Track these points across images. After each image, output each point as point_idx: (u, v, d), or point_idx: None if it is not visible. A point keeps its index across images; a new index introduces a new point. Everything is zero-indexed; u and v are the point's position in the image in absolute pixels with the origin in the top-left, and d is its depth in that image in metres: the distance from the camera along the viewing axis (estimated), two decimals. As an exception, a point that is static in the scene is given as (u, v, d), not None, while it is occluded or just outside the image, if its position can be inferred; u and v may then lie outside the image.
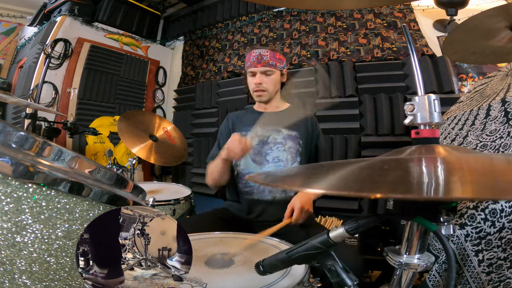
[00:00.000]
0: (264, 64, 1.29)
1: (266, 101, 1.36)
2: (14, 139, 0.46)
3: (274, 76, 1.32)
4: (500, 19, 0.91)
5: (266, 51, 1.30)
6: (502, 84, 1.10)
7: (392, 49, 2.10)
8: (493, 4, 1.21)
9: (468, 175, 0.38)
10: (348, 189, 0.36)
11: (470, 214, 0.83)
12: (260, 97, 1.34)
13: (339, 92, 2.15)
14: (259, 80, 1.30)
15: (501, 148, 0.88)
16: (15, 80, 2.98)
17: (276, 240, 0.95)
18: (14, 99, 1.72)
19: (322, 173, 0.48)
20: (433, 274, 0.90)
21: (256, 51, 1.31)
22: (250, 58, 1.32)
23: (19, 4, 3.37)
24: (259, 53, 1.30)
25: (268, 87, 1.32)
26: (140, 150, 2.11)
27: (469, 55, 1.08)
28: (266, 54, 1.30)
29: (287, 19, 2.63)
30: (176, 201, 1.62)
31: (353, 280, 0.51)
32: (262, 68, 1.29)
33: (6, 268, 0.43)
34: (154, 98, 3.33)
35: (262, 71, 1.30)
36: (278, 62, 1.32)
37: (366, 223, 0.50)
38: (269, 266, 0.59)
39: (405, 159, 0.47)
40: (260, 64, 1.29)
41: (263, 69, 1.29)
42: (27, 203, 0.44)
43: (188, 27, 3.35)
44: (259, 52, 1.30)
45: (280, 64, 1.34)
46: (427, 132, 0.51)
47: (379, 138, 2.03)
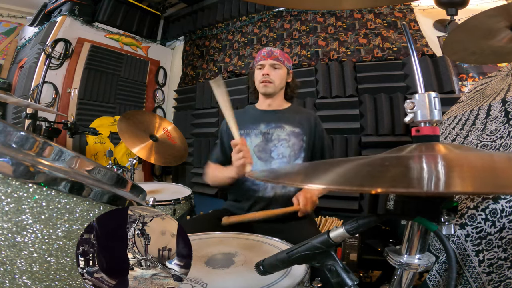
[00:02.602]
0: (274, 58, 1.37)
1: (270, 93, 1.39)
2: (15, 139, 0.46)
3: (281, 71, 1.39)
4: (500, 19, 0.91)
5: (276, 49, 1.40)
6: (503, 84, 1.10)
7: (392, 49, 2.10)
8: (493, 4, 1.21)
9: (468, 171, 0.38)
10: (349, 184, 0.36)
11: (471, 214, 0.83)
12: (266, 88, 1.38)
13: (339, 92, 2.16)
14: (267, 71, 1.37)
15: (501, 148, 0.88)
16: (16, 80, 2.99)
17: (277, 240, 0.95)
18: (15, 99, 1.72)
19: (323, 170, 0.48)
20: (434, 274, 0.90)
21: (267, 48, 1.40)
22: (261, 54, 1.40)
23: (19, 4, 3.37)
24: (270, 49, 1.39)
25: (274, 79, 1.37)
26: (140, 150, 2.12)
27: (469, 55, 1.08)
28: (276, 51, 1.39)
29: (287, 19, 2.63)
30: (176, 201, 1.62)
31: (353, 280, 0.51)
32: (271, 61, 1.37)
33: (7, 268, 0.43)
34: (154, 98, 3.33)
35: (270, 63, 1.37)
36: (286, 60, 1.40)
37: (366, 223, 0.50)
38: (269, 266, 0.59)
39: (405, 156, 0.47)
40: (270, 57, 1.37)
41: (271, 62, 1.37)
42: (28, 203, 0.44)
43: (188, 27, 3.35)
44: (270, 49, 1.40)
45: (288, 63, 1.42)
46: (427, 129, 0.51)
47: (380, 138, 2.03)
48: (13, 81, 3.03)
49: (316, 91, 2.26)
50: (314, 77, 2.27)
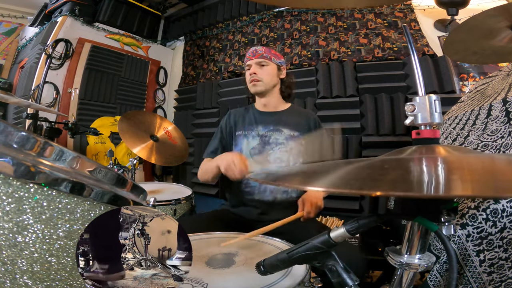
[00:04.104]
0: (258, 56, 1.35)
1: (261, 91, 1.37)
2: (16, 139, 0.46)
3: (269, 67, 1.37)
4: (501, 19, 0.91)
5: (261, 47, 1.39)
6: (503, 84, 1.10)
7: (393, 49, 2.10)
8: (494, 4, 1.21)
9: (468, 174, 0.38)
10: (349, 187, 0.36)
11: (472, 214, 0.83)
12: (255, 87, 1.36)
13: (340, 92, 2.16)
14: (253, 70, 1.35)
15: (502, 148, 0.88)
16: (16, 81, 2.99)
17: (277, 240, 0.95)
18: (15, 100, 1.72)
19: (323, 172, 0.48)
20: (434, 274, 0.90)
21: (252, 48, 1.39)
22: (247, 55, 1.40)
23: (20, 4, 3.37)
24: (255, 49, 1.38)
25: (262, 77, 1.35)
26: (141, 150, 2.11)
27: (470, 55, 1.07)
28: (261, 49, 1.37)
29: (288, 19, 2.63)
30: (177, 201, 1.62)
31: (354, 280, 0.51)
32: (256, 59, 1.36)
33: (8, 268, 0.43)
34: (155, 98, 3.33)
35: (256, 62, 1.36)
36: (273, 56, 1.38)
37: (367, 223, 0.50)
38: (270, 266, 0.59)
39: (405, 159, 0.47)
40: (255, 56, 1.36)
41: (257, 60, 1.36)
42: (29, 203, 0.44)
43: (188, 27, 3.35)
44: (255, 48, 1.39)
45: (276, 59, 1.38)
46: (427, 132, 0.51)
47: (380, 138, 2.02)
48: (14, 81, 3.04)
49: (316, 91, 2.26)
50: (315, 77, 2.27)
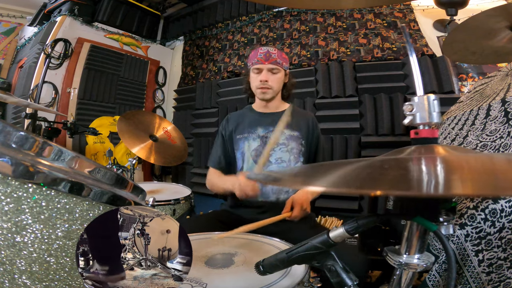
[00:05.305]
0: (272, 62, 1.27)
1: (269, 99, 1.34)
2: (14, 139, 0.46)
3: (279, 75, 1.31)
4: (500, 19, 0.91)
5: (274, 49, 1.30)
6: (502, 84, 1.10)
7: (392, 49, 2.10)
8: (493, 4, 1.21)
9: (468, 173, 0.38)
10: (349, 186, 0.36)
11: (470, 214, 0.83)
12: (264, 95, 1.31)
13: (339, 92, 2.16)
14: (265, 78, 1.28)
15: (501, 148, 0.88)
16: (15, 80, 2.98)
17: (276, 240, 0.95)
18: (14, 99, 1.71)
19: (323, 172, 0.48)
20: (433, 274, 0.90)
21: (264, 48, 1.29)
22: (257, 55, 1.30)
23: (19, 4, 3.37)
24: (267, 50, 1.28)
25: (273, 85, 1.30)
26: (140, 150, 2.11)
27: (469, 55, 1.08)
28: (274, 52, 1.28)
29: (287, 19, 2.63)
30: (176, 201, 1.62)
31: (353, 280, 0.51)
32: (269, 65, 1.27)
33: (6, 268, 0.43)
34: (154, 98, 3.33)
35: (269, 68, 1.28)
36: (284, 61, 1.32)
37: (366, 223, 0.50)
38: (269, 266, 0.59)
39: (404, 159, 0.47)
40: (268, 61, 1.27)
41: (270, 66, 1.28)
42: (27, 203, 0.44)
43: (188, 27, 3.35)
44: (267, 50, 1.28)
45: (286, 64, 1.34)
46: (426, 132, 0.51)
47: (379, 138, 2.03)
48: (13, 81, 3.03)
49: (316, 91, 2.26)
50: (314, 77, 2.27)
